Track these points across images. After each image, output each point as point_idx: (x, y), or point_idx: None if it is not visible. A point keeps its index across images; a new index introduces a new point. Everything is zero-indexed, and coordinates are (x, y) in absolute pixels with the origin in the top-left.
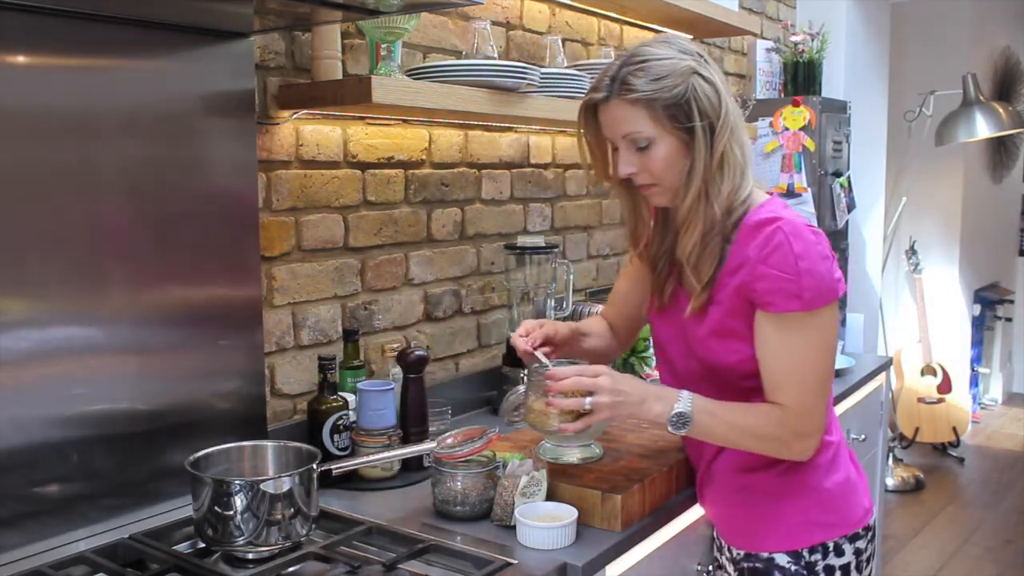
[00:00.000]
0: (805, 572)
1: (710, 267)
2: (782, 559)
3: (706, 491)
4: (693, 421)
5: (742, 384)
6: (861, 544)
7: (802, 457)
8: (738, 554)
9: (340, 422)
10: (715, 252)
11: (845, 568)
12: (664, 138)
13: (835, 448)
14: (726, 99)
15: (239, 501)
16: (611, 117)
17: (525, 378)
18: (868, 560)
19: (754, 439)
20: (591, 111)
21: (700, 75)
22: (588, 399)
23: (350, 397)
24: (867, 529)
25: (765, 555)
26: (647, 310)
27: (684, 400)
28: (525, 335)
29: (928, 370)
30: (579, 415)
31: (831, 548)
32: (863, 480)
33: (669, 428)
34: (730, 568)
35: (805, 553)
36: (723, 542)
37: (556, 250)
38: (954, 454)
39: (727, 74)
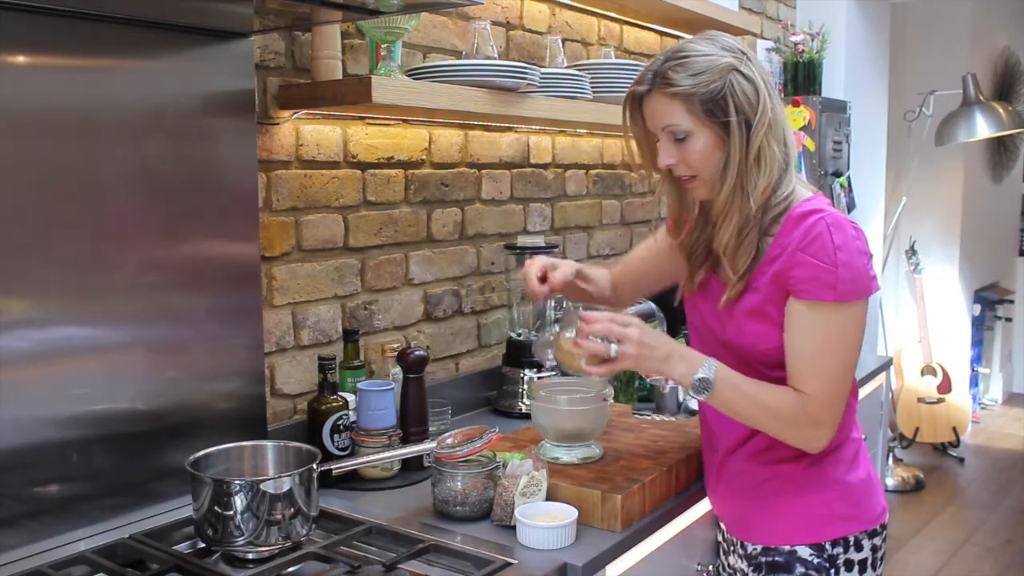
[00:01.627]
0: (827, 565)
1: (746, 261)
2: (804, 551)
3: (720, 484)
4: (715, 388)
5: (771, 374)
6: (877, 541)
7: (812, 447)
8: (754, 549)
9: (340, 422)
10: (751, 246)
11: (863, 564)
12: (701, 131)
13: (858, 445)
14: (766, 97)
15: (239, 501)
16: (652, 109)
17: (560, 314)
18: (882, 559)
19: (771, 418)
20: (636, 103)
21: (739, 72)
22: (614, 346)
23: (350, 397)
24: (883, 527)
25: (786, 548)
26: (683, 299)
27: (709, 366)
28: (541, 275)
29: (928, 370)
30: (605, 360)
31: (852, 543)
32: (879, 479)
33: (690, 392)
34: (743, 565)
35: (827, 546)
36: (735, 539)
37: (556, 250)
38: (954, 454)
39: None
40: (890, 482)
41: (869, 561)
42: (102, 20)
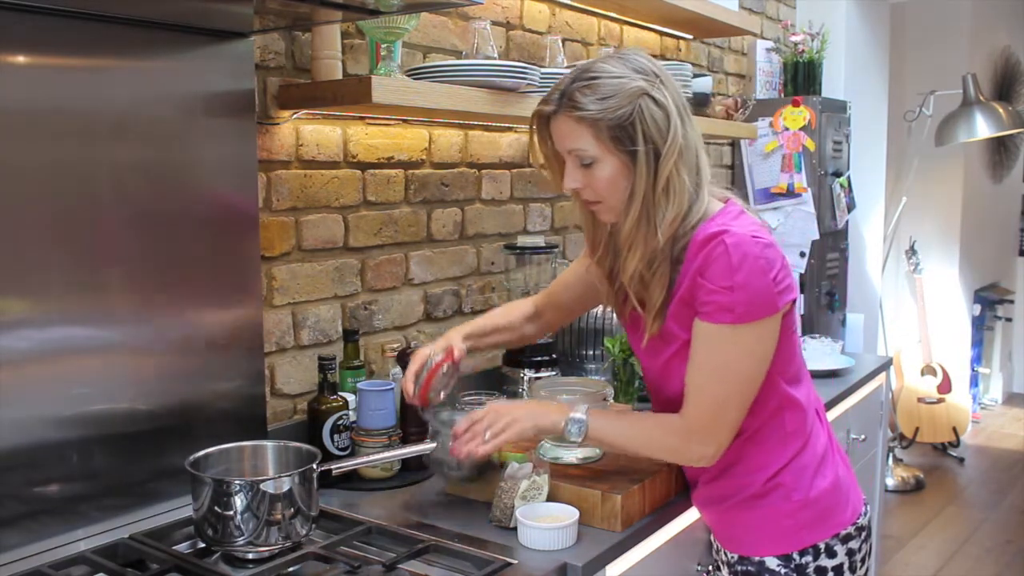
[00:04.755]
0: (795, 574)
1: (659, 295)
2: (772, 562)
3: (696, 496)
4: (588, 427)
5: None
6: (854, 544)
7: (700, 464)
8: (732, 557)
9: (340, 422)
10: (663, 279)
11: (838, 569)
12: (607, 158)
13: (824, 450)
14: (677, 124)
15: (239, 501)
16: (559, 131)
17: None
18: (863, 560)
19: (647, 449)
20: (544, 121)
21: (650, 97)
22: (487, 432)
23: (350, 397)
24: (859, 529)
25: (756, 559)
26: (619, 319)
27: (579, 409)
28: (414, 379)
29: (928, 370)
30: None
31: (822, 549)
32: (853, 479)
33: (567, 436)
34: (725, 571)
35: (796, 556)
36: (719, 544)
37: (556, 250)
38: (954, 454)
39: (727, 74)
40: (890, 482)
41: (846, 565)
42: (102, 20)
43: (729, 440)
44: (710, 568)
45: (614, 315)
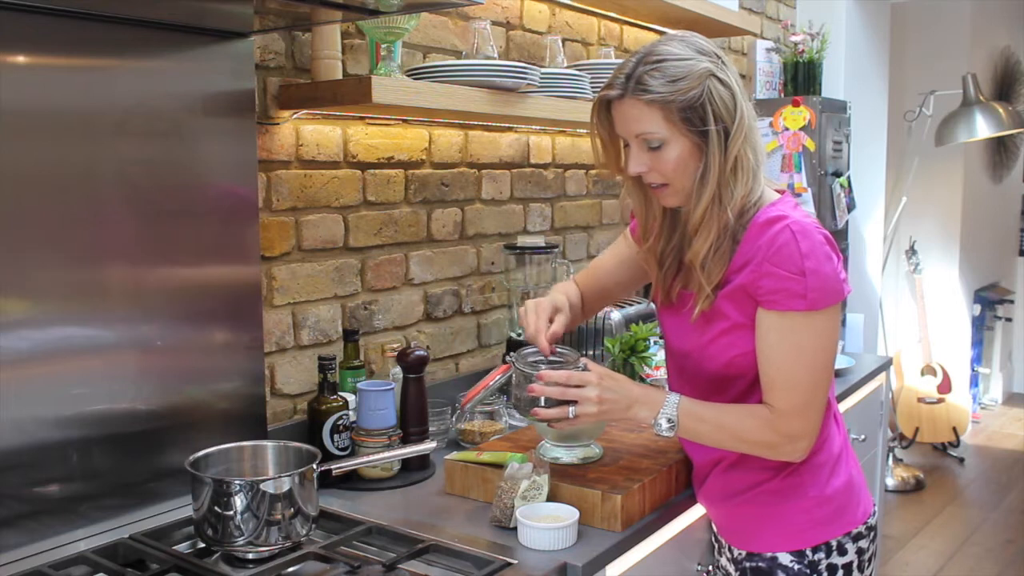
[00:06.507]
0: (808, 571)
1: (720, 270)
2: (785, 558)
3: (705, 490)
4: (679, 425)
5: (746, 378)
6: (863, 543)
7: (792, 459)
8: (739, 554)
9: (340, 422)
10: (725, 255)
11: (847, 567)
12: (677, 140)
13: (840, 449)
14: (741, 102)
15: (239, 501)
16: (624, 115)
17: (513, 363)
18: (870, 560)
19: (742, 443)
20: (604, 107)
21: (717, 78)
22: (572, 409)
23: (350, 397)
24: (869, 528)
25: (768, 555)
26: (655, 303)
27: (670, 404)
28: (540, 330)
29: (928, 370)
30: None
31: (834, 547)
32: (863, 480)
33: (656, 432)
34: (731, 568)
35: (808, 552)
36: (724, 542)
37: (556, 250)
38: (954, 454)
39: None
40: (890, 482)
41: (855, 564)
42: (102, 20)
43: (818, 430)
44: (710, 568)
45: (615, 314)
